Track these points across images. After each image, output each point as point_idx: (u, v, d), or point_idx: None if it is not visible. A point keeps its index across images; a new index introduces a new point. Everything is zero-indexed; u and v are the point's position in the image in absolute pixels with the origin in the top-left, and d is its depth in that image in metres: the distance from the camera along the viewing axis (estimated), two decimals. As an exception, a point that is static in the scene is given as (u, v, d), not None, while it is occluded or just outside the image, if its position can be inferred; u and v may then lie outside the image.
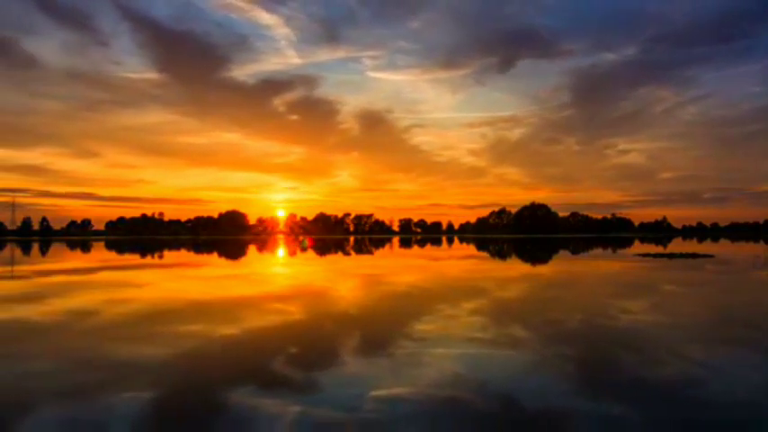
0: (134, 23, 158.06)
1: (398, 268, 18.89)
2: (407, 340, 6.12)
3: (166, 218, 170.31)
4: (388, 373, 4.74)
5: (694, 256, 24.86)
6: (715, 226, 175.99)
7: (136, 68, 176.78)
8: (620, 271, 17.14)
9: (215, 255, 32.38)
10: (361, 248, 42.56)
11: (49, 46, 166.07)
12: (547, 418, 3.62)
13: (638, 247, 37.81)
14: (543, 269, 18.70)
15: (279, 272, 18.62)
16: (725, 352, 5.55)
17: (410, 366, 4.97)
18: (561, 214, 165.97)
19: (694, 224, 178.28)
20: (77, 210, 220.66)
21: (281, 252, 36.60)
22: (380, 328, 6.99)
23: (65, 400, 4.03)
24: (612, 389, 4.27)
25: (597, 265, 20.17)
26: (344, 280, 14.32)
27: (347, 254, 32.93)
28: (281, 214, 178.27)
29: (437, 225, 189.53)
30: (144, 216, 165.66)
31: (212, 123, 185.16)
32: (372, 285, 12.78)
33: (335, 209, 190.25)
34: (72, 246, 51.46)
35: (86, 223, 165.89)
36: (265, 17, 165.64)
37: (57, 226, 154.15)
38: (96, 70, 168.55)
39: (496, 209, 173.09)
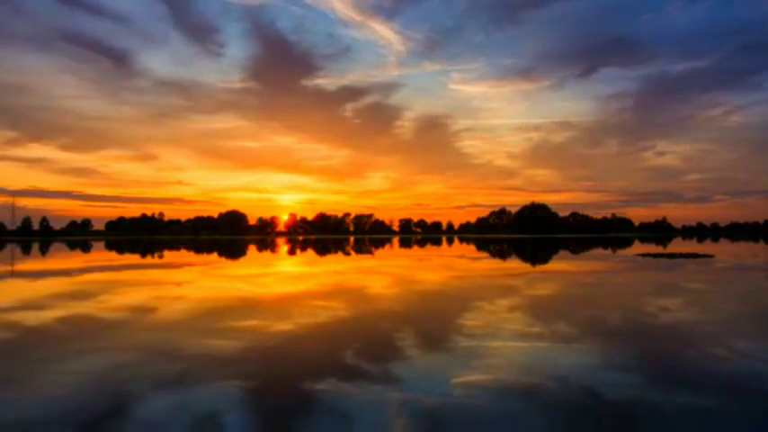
0: (253, 35, 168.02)
1: (413, 267, 19.34)
2: (459, 335, 6.43)
3: (167, 218, 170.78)
4: (458, 363, 5.04)
5: (694, 256, 25.35)
6: (715, 226, 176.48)
7: (232, 77, 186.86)
8: (622, 271, 17.53)
9: (230, 255, 32.71)
10: (368, 249, 42.94)
11: (162, 57, 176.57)
12: (621, 401, 3.95)
13: (638, 248, 38.12)
14: (550, 268, 19.05)
15: (301, 271, 18.94)
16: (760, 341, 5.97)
17: (476, 357, 5.28)
18: (562, 214, 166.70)
19: (694, 224, 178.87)
20: (90, 210, 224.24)
21: (291, 252, 36.92)
22: (427, 323, 7.29)
23: (165, 388, 4.32)
24: (669, 376, 4.60)
25: (600, 266, 20.62)
26: (368, 277, 14.58)
27: (359, 254, 33.32)
28: (287, 217, 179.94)
29: (437, 225, 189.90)
30: (144, 216, 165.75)
31: (272, 128, 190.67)
32: (399, 283, 13.05)
33: (353, 209, 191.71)
34: (81, 246, 51.71)
35: (86, 223, 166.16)
36: (378, 30, 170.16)
37: (57, 226, 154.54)
38: (192, 80, 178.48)
39: (497, 209, 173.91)
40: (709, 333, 6.59)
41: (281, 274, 17.08)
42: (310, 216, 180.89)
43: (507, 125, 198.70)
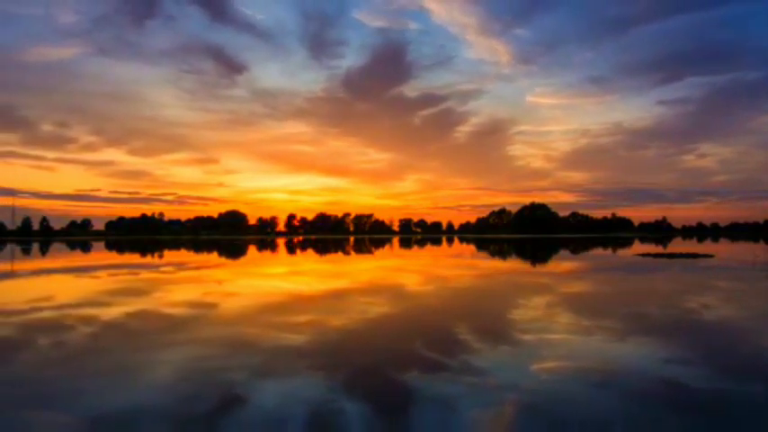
0: (369, 48, 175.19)
1: (429, 265, 19.83)
2: (512, 328, 6.71)
3: (167, 217, 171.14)
4: (529, 354, 5.32)
5: (694, 255, 25.95)
6: (715, 226, 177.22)
7: (327, 87, 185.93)
8: (628, 270, 17.93)
9: (245, 255, 33.11)
10: (374, 248, 43.18)
11: (273, 69, 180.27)
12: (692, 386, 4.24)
13: (638, 247, 38.27)
14: (555, 268, 19.53)
15: (327, 269, 19.17)
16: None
17: (543, 348, 5.56)
18: (561, 214, 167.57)
19: (694, 224, 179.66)
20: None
21: (295, 251, 37.19)
22: (475, 318, 7.57)
23: (262, 377, 4.57)
24: (731, 367, 4.96)
25: (604, 265, 21.18)
26: (394, 275, 14.89)
27: (369, 254, 33.79)
28: (294, 216, 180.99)
29: (437, 225, 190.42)
30: (144, 216, 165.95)
31: (331, 134, 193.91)
32: (426, 281, 13.38)
33: (372, 210, 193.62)
34: (83, 246, 51.67)
35: (86, 223, 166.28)
36: (491, 45, 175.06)
37: (57, 226, 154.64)
38: (283, 89, 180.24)
39: (497, 209, 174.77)
40: (748, 328, 6.94)
41: (311, 273, 17.47)
42: (310, 216, 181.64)
43: (562, 130, 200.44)
